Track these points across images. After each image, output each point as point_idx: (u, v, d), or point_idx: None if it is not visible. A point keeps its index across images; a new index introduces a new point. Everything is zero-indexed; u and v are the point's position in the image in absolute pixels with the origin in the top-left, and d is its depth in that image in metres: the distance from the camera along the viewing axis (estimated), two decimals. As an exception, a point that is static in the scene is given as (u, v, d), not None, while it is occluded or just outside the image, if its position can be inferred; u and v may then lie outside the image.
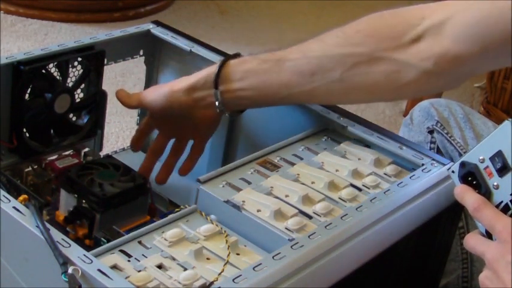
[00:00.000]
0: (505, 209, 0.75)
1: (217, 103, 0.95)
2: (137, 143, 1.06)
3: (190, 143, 1.03)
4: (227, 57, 0.97)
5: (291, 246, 0.76)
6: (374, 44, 0.88)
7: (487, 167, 0.76)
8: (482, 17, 0.82)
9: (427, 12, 0.87)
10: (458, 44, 0.84)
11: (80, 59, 1.03)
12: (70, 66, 1.02)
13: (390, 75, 0.88)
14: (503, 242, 0.72)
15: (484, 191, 0.76)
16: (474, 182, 0.77)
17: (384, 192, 0.87)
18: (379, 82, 0.89)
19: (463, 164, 0.78)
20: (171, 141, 1.04)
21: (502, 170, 0.75)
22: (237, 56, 0.97)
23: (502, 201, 0.75)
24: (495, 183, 0.76)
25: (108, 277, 0.68)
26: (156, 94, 0.98)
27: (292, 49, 0.93)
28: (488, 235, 0.75)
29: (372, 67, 0.88)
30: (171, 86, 0.97)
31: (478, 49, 0.83)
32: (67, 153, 1.04)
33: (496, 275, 0.71)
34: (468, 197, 0.77)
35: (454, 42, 0.84)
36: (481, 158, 0.77)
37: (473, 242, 0.76)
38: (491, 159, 0.76)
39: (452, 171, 0.80)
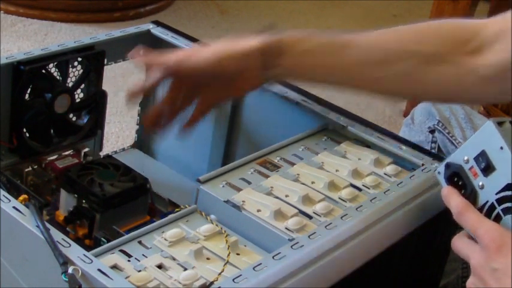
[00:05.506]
0: (490, 209, 0.75)
1: (265, 73, 0.91)
2: (133, 97, 0.94)
3: None
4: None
5: (291, 246, 0.76)
6: (443, 46, 0.89)
7: (472, 167, 0.76)
8: None
9: (491, 23, 0.89)
10: None
11: (80, 59, 1.03)
12: (70, 66, 1.02)
13: (454, 78, 0.89)
14: (485, 247, 0.71)
15: (470, 192, 0.76)
16: (460, 183, 0.77)
17: (384, 192, 0.87)
18: (442, 83, 0.90)
19: (448, 165, 0.78)
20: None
21: (487, 170, 0.75)
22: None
23: (487, 201, 0.75)
24: (480, 183, 0.76)
25: (108, 277, 0.68)
26: (205, 55, 0.94)
27: (360, 36, 0.92)
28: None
29: (438, 67, 0.89)
30: (224, 47, 0.96)
31: None
32: (67, 153, 1.04)
33: (483, 283, 0.71)
34: (452, 200, 0.77)
35: None
36: (465, 158, 0.77)
37: (459, 244, 0.76)
38: (476, 159, 0.76)
39: (438, 172, 0.80)
